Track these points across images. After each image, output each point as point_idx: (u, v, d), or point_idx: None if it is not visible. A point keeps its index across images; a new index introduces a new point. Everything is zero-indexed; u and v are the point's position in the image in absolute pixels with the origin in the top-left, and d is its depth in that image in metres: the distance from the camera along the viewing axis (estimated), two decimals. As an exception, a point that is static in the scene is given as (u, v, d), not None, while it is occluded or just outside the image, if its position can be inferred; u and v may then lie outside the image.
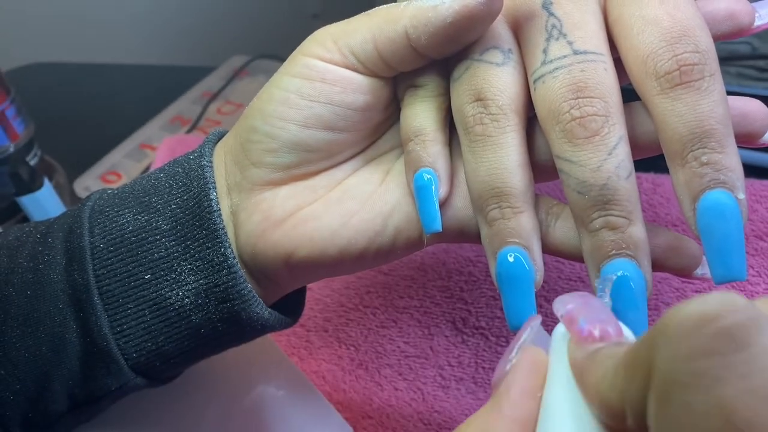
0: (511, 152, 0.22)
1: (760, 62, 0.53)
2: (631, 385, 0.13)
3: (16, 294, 0.26)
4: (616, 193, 0.21)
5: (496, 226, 0.23)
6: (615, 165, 0.21)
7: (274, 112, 0.25)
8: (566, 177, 0.21)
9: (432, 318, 0.40)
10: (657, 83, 0.20)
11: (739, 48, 0.54)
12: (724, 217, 0.20)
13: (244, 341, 0.28)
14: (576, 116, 0.21)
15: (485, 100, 0.22)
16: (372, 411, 0.36)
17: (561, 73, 0.21)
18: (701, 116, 0.20)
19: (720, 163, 0.20)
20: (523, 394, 0.16)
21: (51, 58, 0.83)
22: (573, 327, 0.16)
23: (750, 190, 0.42)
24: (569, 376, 0.16)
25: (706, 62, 0.20)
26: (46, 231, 0.27)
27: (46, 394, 0.26)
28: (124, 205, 0.26)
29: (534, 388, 0.16)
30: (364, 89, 0.24)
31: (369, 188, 0.26)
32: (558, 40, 0.22)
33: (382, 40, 0.23)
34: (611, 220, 0.21)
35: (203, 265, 0.25)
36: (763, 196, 0.41)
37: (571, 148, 0.21)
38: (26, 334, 0.26)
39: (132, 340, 0.25)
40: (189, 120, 0.66)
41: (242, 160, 0.26)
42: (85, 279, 0.25)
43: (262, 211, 0.25)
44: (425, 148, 0.24)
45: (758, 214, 0.41)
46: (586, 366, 0.15)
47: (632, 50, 0.21)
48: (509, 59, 0.23)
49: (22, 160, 0.49)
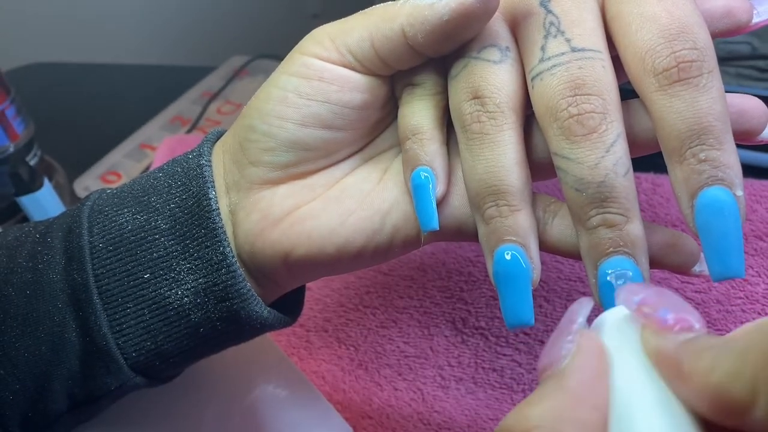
0: (509, 150, 0.22)
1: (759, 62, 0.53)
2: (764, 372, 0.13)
3: (15, 294, 0.26)
4: (614, 190, 0.21)
5: (493, 224, 0.23)
6: (613, 162, 0.21)
7: (272, 111, 0.25)
8: (564, 174, 0.21)
9: (432, 318, 0.40)
10: (655, 80, 0.20)
11: (738, 48, 0.54)
12: (722, 214, 0.20)
13: (243, 340, 0.28)
14: (573, 113, 0.21)
15: (482, 98, 0.22)
16: (372, 411, 0.36)
17: (559, 71, 0.21)
18: (699, 113, 0.20)
19: (718, 160, 0.20)
20: (594, 377, 0.16)
21: (51, 58, 0.84)
22: (654, 316, 0.16)
23: (750, 190, 0.42)
24: (646, 365, 0.16)
25: (704, 59, 0.20)
26: (45, 231, 0.27)
27: (45, 394, 0.26)
28: (123, 204, 0.26)
29: (603, 374, 0.16)
30: (361, 88, 0.24)
31: (367, 187, 0.26)
32: (556, 38, 0.22)
33: (379, 39, 0.23)
34: (609, 218, 0.21)
35: (202, 264, 0.25)
36: (763, 196, 0.41)
37: (569, 146, 0.21)
38: (26, 333, 0.26)
39: (131, 339, 0.25)
40: (189, 120, 0.66)
41: (240, 159, 0.26)
42: (85, 278, 0.25)
43: (261, 210, 0.25)
44: (422, 147, 0.24)
45: (758, 214, 0.41)
46: (683, 356, 0.15)
47: (630, 47, 0.21)
48: (507, 57, 0.23)
49: (22, 160, 0.49)
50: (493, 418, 0.35)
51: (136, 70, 0.80)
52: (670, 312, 0.16)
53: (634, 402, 0.15)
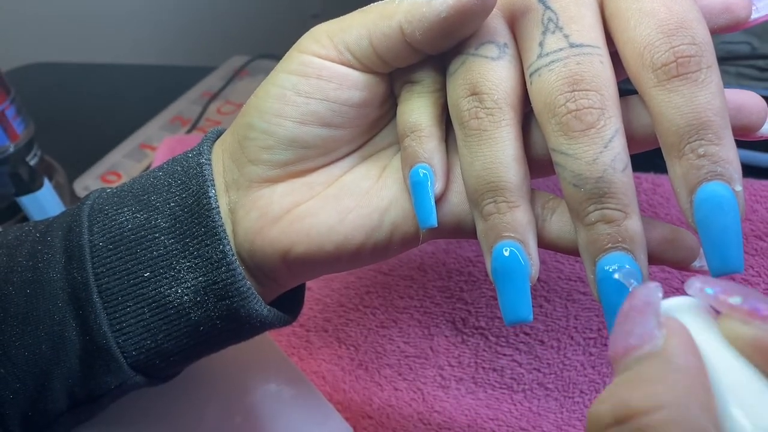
0: (507, 146, 0.22)
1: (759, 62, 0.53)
2: None
3: (15, 292, 0.26)
4: (612, 185, 0.21)
5: (492, 220, 0.23)
6: (611, 158, 0.20)
7: (270, 109, 0.25)
8: (562, 170, 0.21)
9: (432, 318, 0.40)
10: (654, 75, 0.20)
11: (738, 48, 0.54)
12: (721, 210, 0.20)
13: (243, 339, 0.28)
14: (572, 109, 0.21)
15: (480, 94, 0.22)
16: (372, 411, 0.36)
17: (557, 66, 0.21)
18: (698, 108, 0.20)
19: (717, 155, 0.20)
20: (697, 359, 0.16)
21: (51, 58, 0.84)
22: (741, 307, 0.16)
23: (750, 190, 0.42)
24: (736, 354, 0.16)
25: (703, 54, 0.20)
26: (45, 230, 0.27)
27: (45, 393, 0.26)
28: (123, 203, 0.26)
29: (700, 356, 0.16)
30: (360, 85, 0.24)
31: (366, 184, 0.26)
32: (554, 34, 0.22)
33: (377, 36, 0.23)
34: (607, 214, 0.21)
35: (202, 263, 0.25)
36: (763, 196, 0.41)
37: (567, 141, 0.21)
38: (26, 332, 0.26)
39: (131, 338, 0.25)
40: (189, 120, 0.66)
41: (240, 158, 0.26)
42: (85, 277, 0.25)
43: (260, 208, 0.25)
44: (421, 144, 0.24)
45: (758, 214, 0.41)
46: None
47: (629, 42, 0.21)
48: (505, 53, 0.23)
49: (22, 160, 0.49)
50: (494, 418, 0.35)
51: (136, 70, 0.80)
52: (762, 302, 0.16)
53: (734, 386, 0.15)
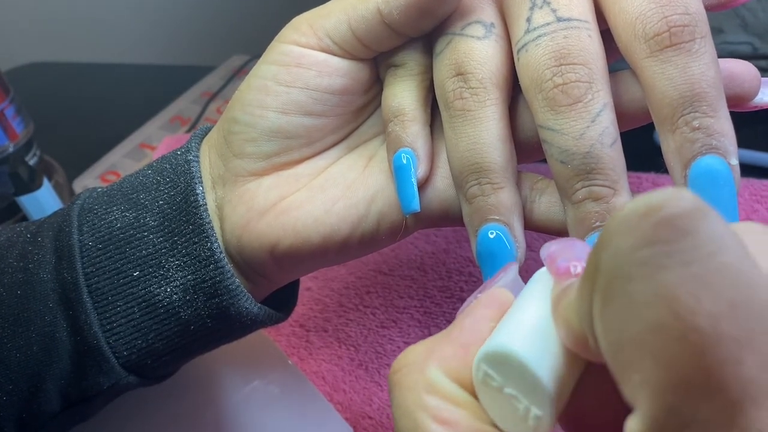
0: (491, 127, 0.22)
1: (760, 62, 0.52)
2: (583, 299, 0.13)
3: (6, 294, 0.26)
4: (600, 161, 0.20)
5: (476, 203, 0.22)
6: (598, 132, 0.20)
7: (252, 100, 0.25)
8: (549, 147, 0.21)
9: (432, 318, 0.40)
10: (646, 45, 0.20)
11: (739, 48, 0.54)
12: (717, 184, 0.19)
13: (235, 338, 0.27)
14: (558, 83, 0.20)
15: (465, 74, 0.22)
16: (372, 411, 0.36)
17: (544, 41, 0.21)
18: (692, 79, 0.19)
19: (712, 128, 0.19)
20: (476, 321, 0.16)
21: (51, 58, 0.84)
22: (552, 265, 0.16)
23: (750, 190, 0.42)
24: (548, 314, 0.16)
25: (696, 24, 0.19)
26: (36, 231, 0.27)
27: (39, 394, 0.26)
28: (113, 202, 0.26)
29: (487, 318, 0.16)
30: (341, 72, 0.24)
31: (352, 175, 0.26)
32: (542, 8, 0.21)
33: (355, 20, 0.23)
34: (595, 190, 0.20)
35: (190, 261, 0.25)
36: (763, 196, 0.41)
37: (554, 116, 0.20)
38: (17, 334, 0.25)
39: (122, 337, 0.25)
40: (188, 119, 0.66)
41: (225, 153, 0.26)
42: (74, 277, 0.25)
43: (246, 203, 0.25)
44: (404, 128, 0.24)
45: (758, 214, 0.40)
46: (558, 298, 0.15)
47: (621, 14, 0.20)
48: (491, 33, 0.22)
49: (22, 160, 0.49)
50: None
51: (136, 70, 0.80)
52: (565, 260, 0.15)
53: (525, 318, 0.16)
